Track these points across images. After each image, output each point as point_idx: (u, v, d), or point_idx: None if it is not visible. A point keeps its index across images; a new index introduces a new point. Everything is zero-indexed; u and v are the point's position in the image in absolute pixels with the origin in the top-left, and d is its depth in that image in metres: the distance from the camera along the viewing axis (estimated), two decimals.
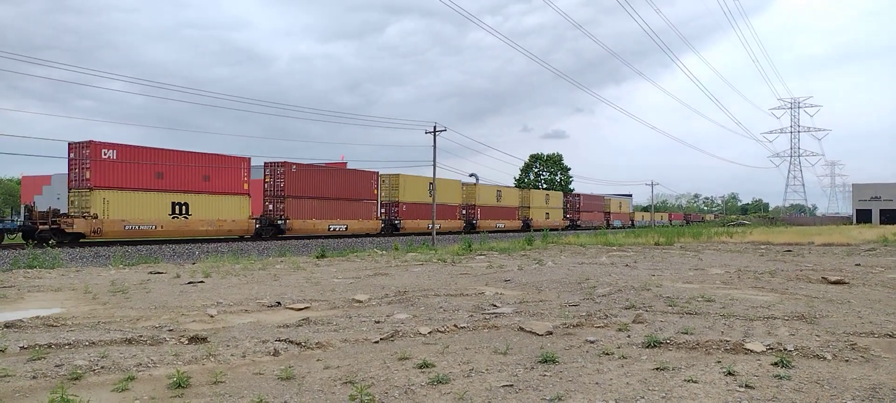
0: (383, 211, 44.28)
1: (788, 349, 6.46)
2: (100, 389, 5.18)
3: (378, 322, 8.31)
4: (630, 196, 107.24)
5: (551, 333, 7.48)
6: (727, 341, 6.82)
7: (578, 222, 76.88)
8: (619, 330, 7.69)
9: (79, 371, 5.58)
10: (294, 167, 36.69)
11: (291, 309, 9.49)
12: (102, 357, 6.13)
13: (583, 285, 12.60)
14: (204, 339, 7.07)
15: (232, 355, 6.38)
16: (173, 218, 30.12)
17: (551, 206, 70.64)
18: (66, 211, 27.35)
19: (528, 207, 65.20)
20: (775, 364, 5.90)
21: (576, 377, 5.52)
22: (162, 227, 29.49)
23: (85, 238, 27.18)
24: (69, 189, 27.79)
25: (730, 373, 5.56)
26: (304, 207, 37.17)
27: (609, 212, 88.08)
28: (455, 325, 7.97)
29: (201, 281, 13.04)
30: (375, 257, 21.46)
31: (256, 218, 35.17)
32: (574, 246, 28.70)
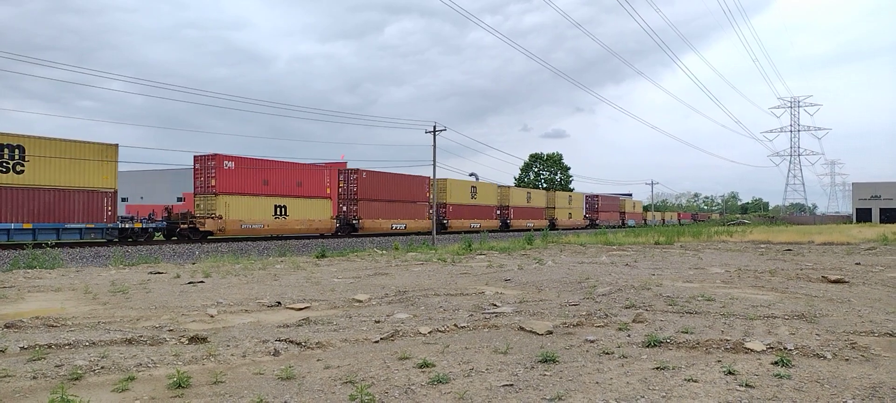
0: (432, 211, 47.30)
1: (788, 348, 6.46)
2: (100, 389, 5.18)
3: (378, 321, 8.31)
4: (630, 195, 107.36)
5: (551, 332, 7.48)
6: (727, 340, 6.83)
7: (597, 221, 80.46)
8: (620, 329, 7.69)
9: (79, 372, 5.58)
10: (364, 174, 41.73)
11: (291, 308, 9.49)
12: (102, 358, 6.13)
13: (583, 284, 12.60)
14: (204, 339, 7.07)
15: (232, 355, 6.38)
16: (275, 218, 35.47)
17: (573, 207, 75.90)
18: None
19: (554, 208, 70.59)
20: (775, 363, 5.90)
21: (576, 376, 5.52)
22: (267, 226, 34.98)
23: (213, 235, 32.45)
24: (195, 194, 33.32)
25: (730, 372, 5.56)
26: (372, 208, 42.30)
27: (624, 212, 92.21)
28: (455, 325, 7.97)
29: (201, 281, 13.05)
30: (375, 257, 21.46)
31: (336, 218, 40.04)
32: (574, 246, 28.70)
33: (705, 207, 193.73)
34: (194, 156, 33.60)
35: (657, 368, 5.75)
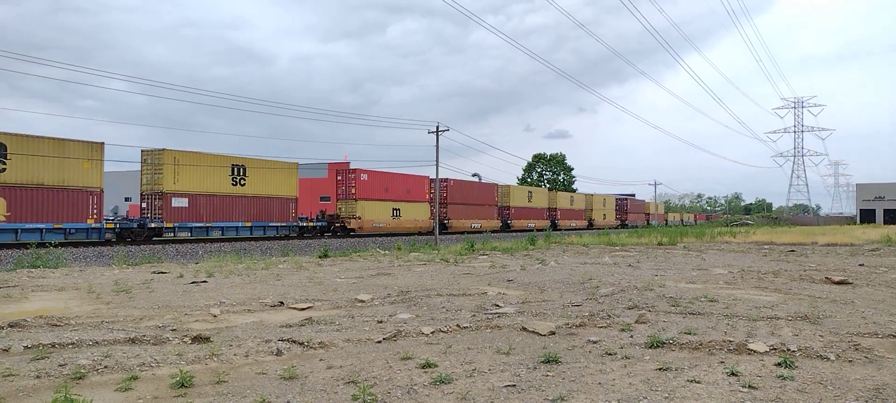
0: (498, 212, 58.62)
1: (792, 349, 6.45)
2: (103, 388, 5.19)
3: (381, 322, 8.32)
4: (633, 195, 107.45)
5: (554, 333, 7.48)
6: (730, 341, 6.81)
7: (627, 222, 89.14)
8: (622, 330, 7.68)
9: (82, 371, 5.59)
10: (452, 182, 50.90)
11: (294, 308, 9.50)
12: (106, 357, 6.15)
13: (586, 285, 12.59)
14: (207, 339, 7.09)
15: (235, 354, 6.39)
16: (393, 218, 44.29)
17: (607, 209, 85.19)
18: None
19: (592, 209, 79.67)
20: (778, 364, 5.89)
21: (578, 377, 5.52)
22: (387, 225, 43.49)
23: (354, 232, 40.54)
24: (338, 198, 41.59)
25: (733, 374, 5.55)
26: (458, 211, 51.17)
27: (649, 213, 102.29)
28: (458, 325, 7.97)
29: (204, 281, 13.07)
30: (378, 257, 21.47)
31: (432, 218, 47.26)
32: (577, 246, 28.67)
33: (708, 208, 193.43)
34: (335, 170, 43.88)
35: (660, 369, 5.75)
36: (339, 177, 41.79)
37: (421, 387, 5.20)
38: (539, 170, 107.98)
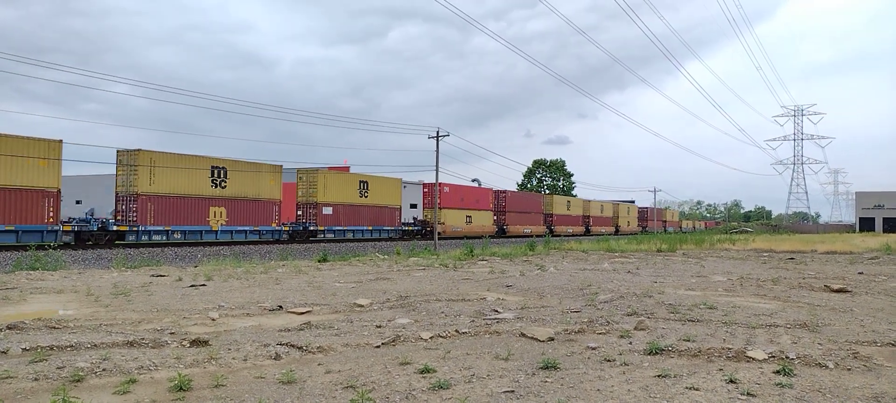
0: (544, 219, 67.94)
1: (791, 357, 6.45)
2: (101, 391, 5.18)
3: (379, 326, 8.31)
4: (633, 202, 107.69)
5: (553, 339, 7.47)
6: (729, 348, 6.81)
7: (646, 227, 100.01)
8: (621, 336, 7.67)
9: (80, 374, 5.59)
10: (509, 193, 62.22)
11: (293, 312, 9.49)
12: (104, 360, 6.14)
13: (585, 291, 12.58)
14: (205, 342, 7.08)
15: (233, 358, 6.38)
16: (466, 224, 54.34)
17: (631, 216, 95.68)
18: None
19: (618, 216, 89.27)
20: (777, 372, 5.89)
21: (577, 383, 5.51)
22: (462, 229, 53.18)
23: (441, 235, 46.83)
24: (424, 208, 52.94)
25: (732, 381, 5.55)
26: (515, 218, 62.08)
27: (665, 220, 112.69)
28: (456, 330, 7.97)
29: (203, 285, 13.06)
30: (377, 261, 21.46)
31: (495, 224, 58.45)
32: (576, 252, 28.67)
33: (708, 215, 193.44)
34: (423, 183, 54.57)
35: (659, 376, 5.74)
36: (426, 190, 52.83)
37: (419, 393, 5.20)
38: (539, 175, 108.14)
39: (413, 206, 58.75)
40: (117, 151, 30.93)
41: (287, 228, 37.97)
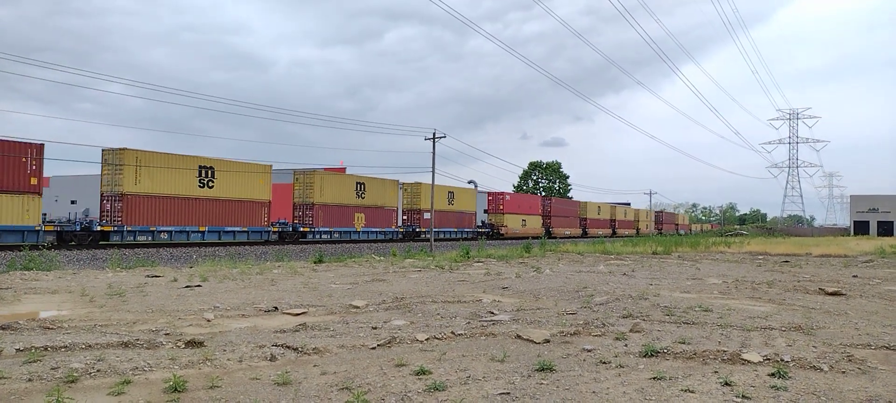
0: (580, 222, 78.45)
1: (785, 360, 6.47)
2: (96, 392, 5.17)
3: (375, 328, 8.30)
4: (629, 204, 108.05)
5: (549, 341, 7.48)
6: (724, 351, 6.83)
7: (662, 230, 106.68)
8: (617, 338, 7.69)
9: (75, 374, 5.57)
10: (554, 200, 75.08)
11: (288, 314, 9.48)
12: (99, 361, 6.12)
13: (580, 293, 12.60)
14: (200, 343, 7.06)
15: (228, 360, 6.37)
16: (522, 227, 64.52)
17: (649, 220, 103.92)
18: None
19: (638, 220, 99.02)
20: (772, 374, 5.90)
21: (573, 385, 5.52)
22: (519, 232, 62.96)
23: (502, 236, 59.79)
24: (488, 212, 62.38)
25: (727, 383, 5.56)
26: (558, 221, 72.90)
27: (677, 224, 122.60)
28: (452, 332, 7.97)
29: (198, 286, 13.03)
30: (373, 263, 21.44)
31: (543, 227, 68.40)
32: (572, 254, 28.70)
33: (703, 217, 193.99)
34: (488, 192, 63.13)
35: (654, 378, 5.75)
36: (490, 197, 63.18)
37: (415, 394, 5.19)
38: (535, 177, 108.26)
39: (486, 212, 66.48)
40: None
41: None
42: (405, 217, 50.82)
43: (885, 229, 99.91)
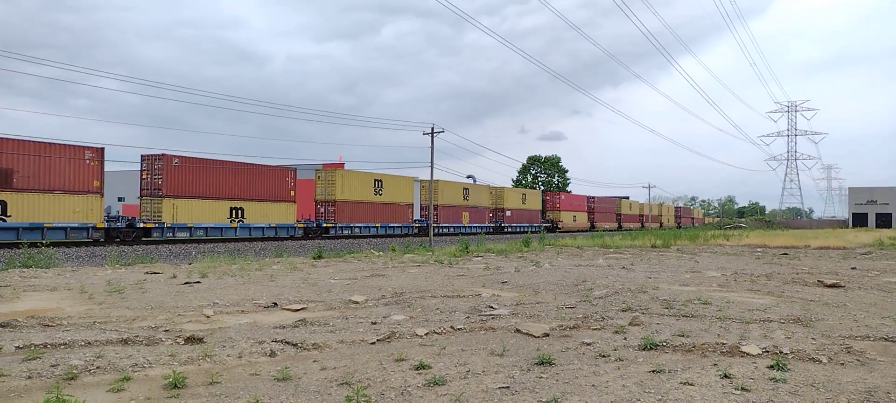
0: (615, 217, 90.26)
1: (784, 352, 6.48)
2: (95, 389, 5.17)
3: (375, 323, 8.31)
4: (628, 197, 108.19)
5: (548, 335, 7.49)
6: (723, 344, 6.84)
7: (681, 224, 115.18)
8: (616, 332, 7.70)
9: (74, 371, 5.57)
10: (596, 198, 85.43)
11: (288, 309, 9.48)
12: (98, 358, 6.12)
13: (579, 287, 12.61)
14: (200, 340, 7.06)
15: (228, 355, 6.37)
16: (573, 221, 76.36)
17: (670, 215, 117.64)
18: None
19: (661, 214, 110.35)
20: (771, 366, 5.92)
21: (572, 379, 5.53)
22: (571, 225, 75.34)
23: (559, 230, 69.44)
24: (546, 209, 74.34)
25: (726, 376, 5.57)
26: (599, 216, 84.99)
27: (693, 217, 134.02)
28: (452, 327, 7.97)
29: (198, 282, 13.02)
30: (372, 258, 21.44)
31: (589, 222, 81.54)
32: (571, 248, 28.72)
33: (702, 210, 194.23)
34: (546, 192, 78.02)
35: (653, 371, 5.76)
36: (548, 198, 76.84)
37: (415, 389, 5.20)
38: (534, 171, 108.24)
39: (545, 211, 77.27)
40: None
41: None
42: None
43: (883, 221, 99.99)
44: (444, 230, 52.58)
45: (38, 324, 7.95)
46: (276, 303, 9.98)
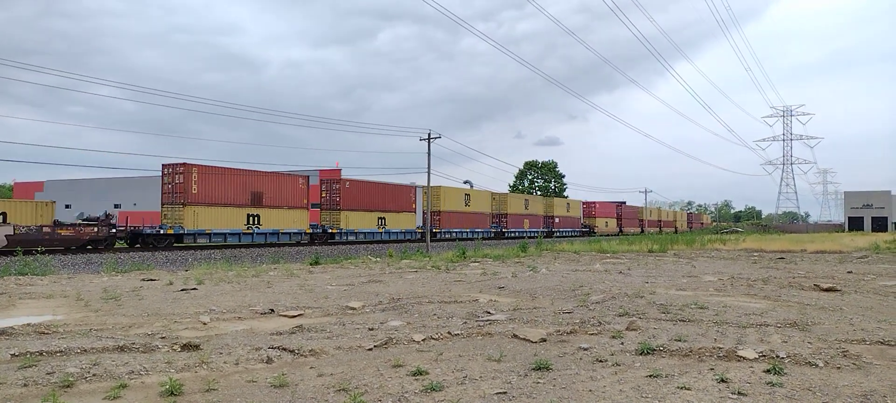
0: (639, 223, 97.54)
1: (781, 356, 6.49)
2: (91, 397, 5.15)
3: (372, 329, 8.30)
4: (624, 202, 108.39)
5: (545, 340, 7.49)
6: (720, 348, 6.85)
7: (692, 227, 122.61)
8: (613, 337, 7.70)
9: (70, 379, 5.55)
10: (624, 206, 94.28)
11: (285, 316, 9.46)
12: (94, 365, 6.10)
13: (577, 292, 12.61)
14: (197, 347, 7.04)
15: (225, 362, 6.35)
16: (605, 226, 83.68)
17: (683, 219, 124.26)
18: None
19: (676, 220, 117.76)
20: (768, 371, 5.93)
21: (569, 384, 5.53)
22: (603, 230, 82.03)
23: (595, 234, 75.69)
24: (585, 216, 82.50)
25: (722, 380, 5.58)
26: (626, 222, 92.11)
27: (703, 223, 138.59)
28: (449, 332, 7.97)
29: (194, 289, 12.99)
30: (369, 264, 21.43)
31: (619, 225, 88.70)
32: (568, 253, 28.74)
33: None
34: (584, 202, 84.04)
35: (650, 376, 5.77)
36: (585, 205, 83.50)
37: (412, 395, 5.20)
38: (531, 177, 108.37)
39: (583, 215, 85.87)
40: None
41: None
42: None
43: (879, 225, 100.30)
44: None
45: (34, 332, 7.92)
46: (272, 310, 9.96)
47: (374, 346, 7.16)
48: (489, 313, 9.70)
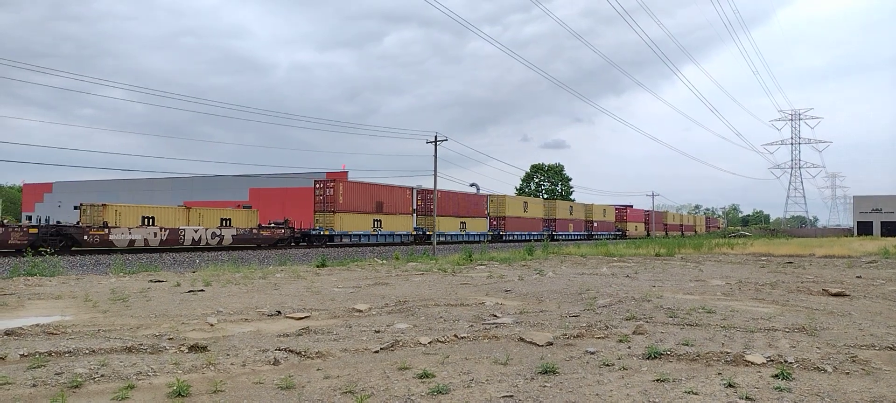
0: (663, 225, 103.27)
1: (789, 361, 6.46)
2: (100, 397, 5.18)
3: (378, 331, 8.31)
4: (631, 206, 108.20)
5: (551, 344, 7.47)
6: (728, 353, 6.82)
7: (710, 230, 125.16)
8: (620, 341, 7.68)
9: (79, 380, 5.58)
10: (650, 212, 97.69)
11: (291, 318, 9.49)
12: (102, 366, 6.13)
13: (583, 296, 12.59)
14: (204, 348, 7.07)
15: (232, 364, 6.38)
16: (635, 230, 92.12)
17: (702, 223, 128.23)
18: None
19: (696, 224, 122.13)
20: (776, 376, 5.89)
21: (576, 388, 5.52)
22: (633, 233, 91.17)
23: (627, 237, 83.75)
24: (617, 220, 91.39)
25: (730, 385, 5.55)
26: (651, 225, 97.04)
27: (719, 226, 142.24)
28: (455, 335, 7.97)
29: (202, 290, 13.05)
30: (376, 266, 21.45)
31: (647, 229, 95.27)
32: (575, 257, 28.67)
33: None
34: (616, 206, 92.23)
35: (657, 380, 5.75)
36: (618, 210, 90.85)
37: (418, 398, 5.20)
38: (537, 180, 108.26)
39: (616, 220, 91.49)
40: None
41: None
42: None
43: (888, 229, 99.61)
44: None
45: (43, 332, 7.97)
46: (279, 312, 9.99)
47: (381, 348, 7.17)
48: (495, 316, 9.69)
